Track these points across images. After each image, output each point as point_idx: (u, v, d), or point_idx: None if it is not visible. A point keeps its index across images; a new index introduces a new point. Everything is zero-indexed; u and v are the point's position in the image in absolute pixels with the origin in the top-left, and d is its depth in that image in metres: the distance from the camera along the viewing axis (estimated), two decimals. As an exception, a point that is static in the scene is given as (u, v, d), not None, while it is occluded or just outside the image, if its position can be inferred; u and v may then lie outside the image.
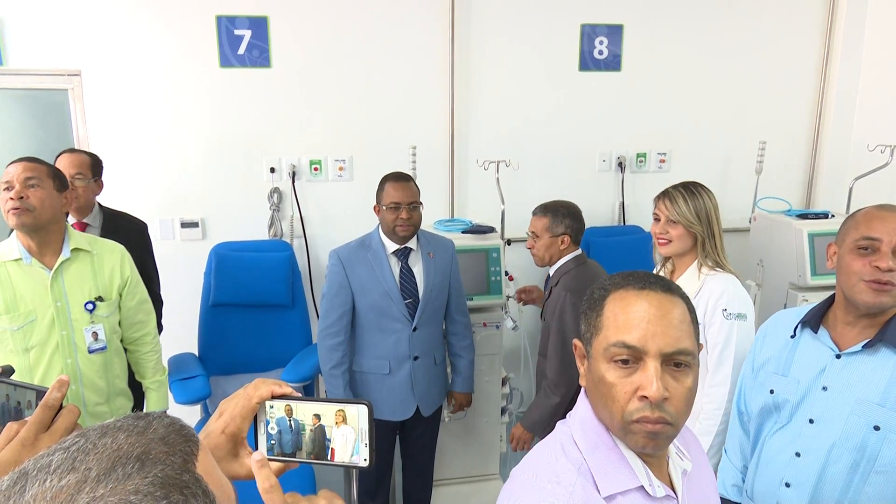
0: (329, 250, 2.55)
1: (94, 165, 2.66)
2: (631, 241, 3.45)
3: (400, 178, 2.41)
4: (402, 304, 2.44)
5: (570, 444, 0.97)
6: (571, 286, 2.38)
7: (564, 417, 1.05)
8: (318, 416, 0.86)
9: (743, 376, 1.63)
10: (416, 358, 2.49)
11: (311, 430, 0.86)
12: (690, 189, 2.06)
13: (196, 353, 3.15)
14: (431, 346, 2.55)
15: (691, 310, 0.98)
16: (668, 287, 0.98)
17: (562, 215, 2.44)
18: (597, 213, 3.66)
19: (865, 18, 3.63)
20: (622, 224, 3.67)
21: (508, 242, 3.29)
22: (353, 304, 2.44)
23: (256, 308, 3.15)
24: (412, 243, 2.48)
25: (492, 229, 3.10)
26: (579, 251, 2.49)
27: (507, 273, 3.03)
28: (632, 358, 0.93)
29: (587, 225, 3.42)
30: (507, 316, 3.01)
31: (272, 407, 0.88)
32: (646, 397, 0.91)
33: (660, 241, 2.06)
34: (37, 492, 0.49)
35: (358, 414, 0.85)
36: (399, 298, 2.44)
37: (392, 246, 2.44)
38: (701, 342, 1.00)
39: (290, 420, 0.87)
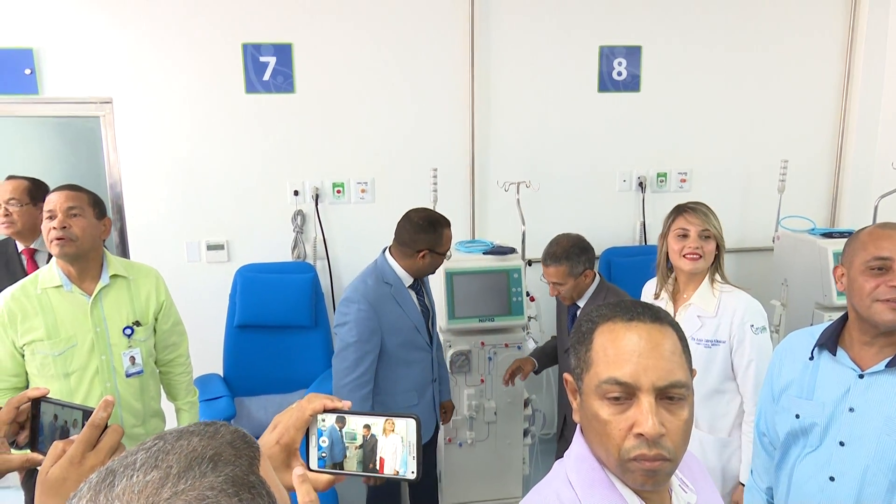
0: (352, 272, 2.57)
1: (33, 191, 2.57)
2: (652, 261, 3.33)
3: (450, 226, 2.39)
4: (426, 335, 2.45)
5: (566, 485, 0.94)
6: None
7: None
8: (368, 427, 0.89)
9: (762, 398, 1.62)
10: (434, 380, 2.54)
11: (362, 441, 0.89)
12: (707, 206, 2.09)
13: (221, 374, 3.20)
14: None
15: (682, 338, 0.96)
16: (657, 316, 0.95)
17: (576, 255, 2.39)
18: (617, 233, 3.65)
19: (887, 34, 3.59)
20: (643, 244, 3.66)
21: (529, 263, 3.31)
22: (381, 345, 2.34)
23: (280, 329, 3.19)
24: None
25: (513, 250, 3.10)
26: (597, 274, 2.52)
27: (528, 293, 3.04)
28: (624, 394, 0.90)
29: (608, 245, 3.58)
30: (529, 337, 3.00)
31: (324, 420, 0.91)
32: (642, 434, 0.88)
33: (691, 256, 2.03)
34: (125, 486, 0.54)
35: (406, 427, 0.88)
36: (424, 329, 2.44)
37: (408, 279, 2.40)
38: (694, 367, 0.97)
39: (341, 431, 0.91)
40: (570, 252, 2.38)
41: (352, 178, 3.39)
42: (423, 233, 2.31)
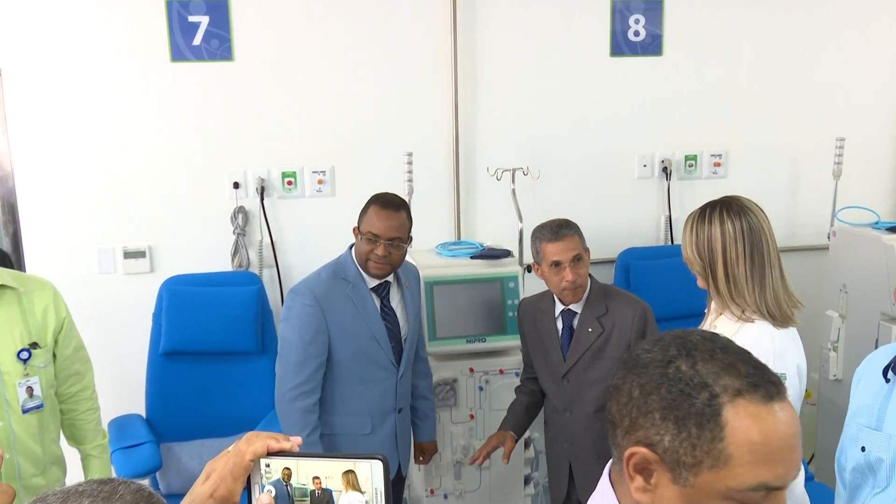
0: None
1: None
2: (679, 264, 3.28)
3: (388, 205, 2.45)
4: (389, 349, 2.53)
5: None
6: (640, 304, 2.52)
7: None
8: (318, 479, 0.89)
9: (845, 428, 1.66)
10: (400, 410, 2.60)
11: (312, 496, 0.89)
12: (710, 210, 2.00)
13: (143, 415, 3.16)
14: (409, 394, 2.68)
15: None
16: (782, 385, 0.95)
17: (578, 227, 2.55)
18: (637, 229, 3.68)
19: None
20: (669, 243, 3.67)
21: (528, 269, 3.24)
22: (329, 352, 2.47)
23: (218, 357, 3.17)
24: (390, 275, 2.57)
25: (508, 253, 3.12)
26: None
27: None
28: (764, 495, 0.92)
29: (625, 245, 3.58)
30: None
31: (268, 466, 0.91)
32: None
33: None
34: None
35: (371, 472, 0.87)
36: (387, 342, 2.52)
37: (372, 280, 2.51)
38: None
39: (287, 486, 0.90)
40: (574, 223, 2.54)
41: (306, 167, 3.38)
42: (362, 210, 2.51)
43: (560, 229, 2.50)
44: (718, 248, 1.94)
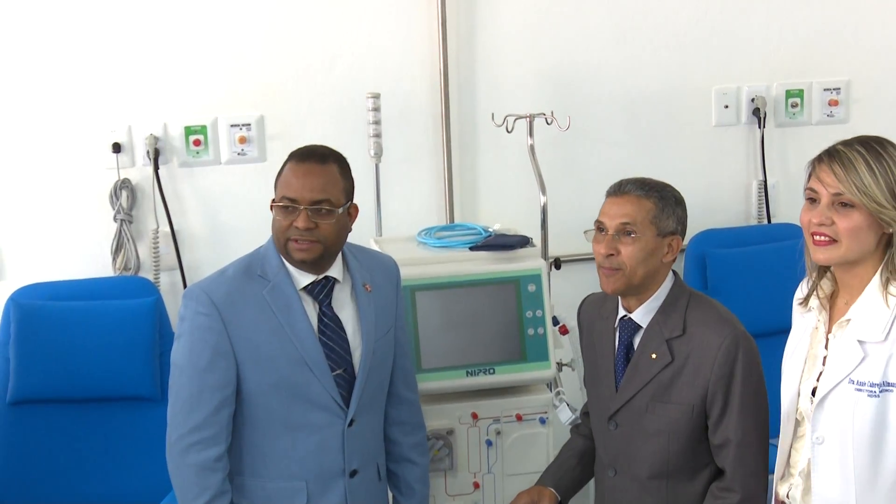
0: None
1: None
2: (779, 252, 3.37)
3: (308, 156, 2.44)
4: (329, 379, 2.43)
5: None
6: (735, 331, 2.40)
7: None
8: None
9: None
10: (353, 473, 2.51)
11: None
12: (874, 148, 2.03)
13: None
14: (374, 450, 2.61)
15: None
16: None
17: (673, 200, 2.43)
18: (716, 203, 3.67)
19: None
20: (765, 221, 3.69)
21: (557, 264, 3.22)
22: (238, 383, 2.41)
23: (96, 405, 3.13)
24: (336, 269, 2.47)
25: (525, 241, 3.04)
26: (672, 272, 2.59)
27: (556, 321, 2.98)
28: None
29: (700, 227, 3.58)
30: (561, 400, 2.94)
31: None
32: None
33: (818, 238, 2.06)
34: None
35: None
36: (325, 369, 2.42)
37: (303, 276, 2.43)
38: None
39: None
40: (664, 192, 2.46)
41: (221, 118, 3.34)
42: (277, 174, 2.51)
43: (627, 185, 2.46)
44: None
